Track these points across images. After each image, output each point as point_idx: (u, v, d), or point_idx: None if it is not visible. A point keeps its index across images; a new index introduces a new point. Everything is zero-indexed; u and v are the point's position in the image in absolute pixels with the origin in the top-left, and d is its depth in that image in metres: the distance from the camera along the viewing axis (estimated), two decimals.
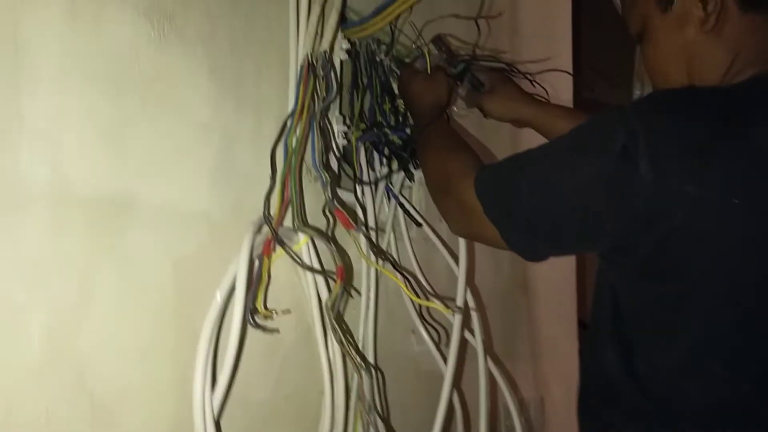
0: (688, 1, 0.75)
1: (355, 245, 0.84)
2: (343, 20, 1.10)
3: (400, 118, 1.18)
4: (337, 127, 1.05)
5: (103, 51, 0.73)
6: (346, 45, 1.07)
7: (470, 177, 0.81)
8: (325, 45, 0.92)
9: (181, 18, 0.81)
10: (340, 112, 1.07)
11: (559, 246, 0.81)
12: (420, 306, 1.11)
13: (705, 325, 0.69)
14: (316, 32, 0.92)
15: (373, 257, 0.92)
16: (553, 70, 1.23)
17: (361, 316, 1.01)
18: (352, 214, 0.97)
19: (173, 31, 0.80)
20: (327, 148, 0.91)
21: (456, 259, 1.14)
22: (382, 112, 1.17)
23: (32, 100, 0.66)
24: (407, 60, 1.22)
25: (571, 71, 1.35)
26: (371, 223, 1.04)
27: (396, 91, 1.19)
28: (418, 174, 1.19)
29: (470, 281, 1.20)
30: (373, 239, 0.97)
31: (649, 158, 0.63)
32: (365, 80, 1.15)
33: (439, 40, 1.17)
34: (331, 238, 0.88)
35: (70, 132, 0.69)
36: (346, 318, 0.99)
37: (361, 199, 1.05)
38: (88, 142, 0.71)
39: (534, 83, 1.23)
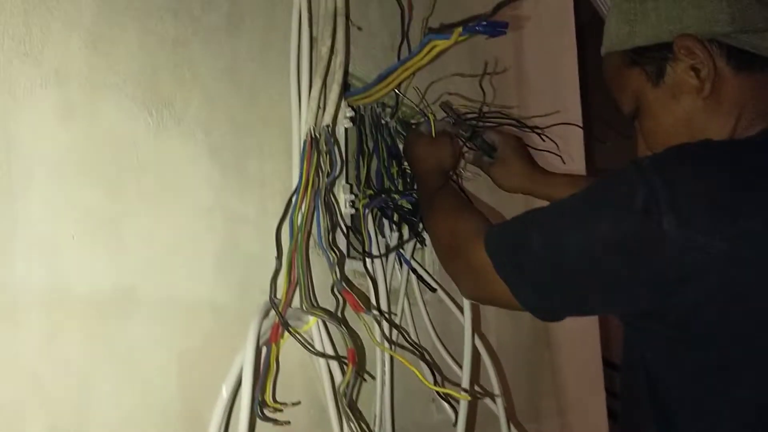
0: (679, 71, 0.73)
1: (366, 329, 0.80)
2: (346, 88, 1.09)
3: (408, 181, 1.16)
4: (344, 197, 1.03)
5: (98, 145, 0.71)
6: (349, 113, 1.06)
7: (479, 236, 0.78)
8: (327, 119, 0.90)
9: (180, 103, 0.80)
10: (347, 181, 1.05)
11: (578, 308, 0.78)
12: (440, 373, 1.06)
13: (753, 395, 0.64)
14: (318, 106, 0.91)
15: (385, 341, 0.89)
16: (562, 123, 1.21)
17: (377, 392, 0.97)
18: (363, 296, 0.94)
19: (172, 117, 0.79)
20: (333, 225, 0.89)
21: None
22: (390, 176, 1.15)
23: (26, 203, 0.64)
24: (413, 122, 1.21)
25: (580, 124, 1.32)
26: (383, 297, 1.01)
27: (402, 154, 1.18)
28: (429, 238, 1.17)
29: (487, 338, 1.16)
30: (385, 321, 0.94)
31: (674, 213, 0.60)
32: (371, 144, 1.13)
33: (446, 107, 1.15)
34: (341, 320, 0.85)
35: (65, 231, 0.67)
36: (363, 391, 0.95)
37: (371, 271, 1.02)
38: (85, 240, 0.68)
39: (543, 137, 1.21)
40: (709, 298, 0.61)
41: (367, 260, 1.02)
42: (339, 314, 0.87)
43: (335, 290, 0.83)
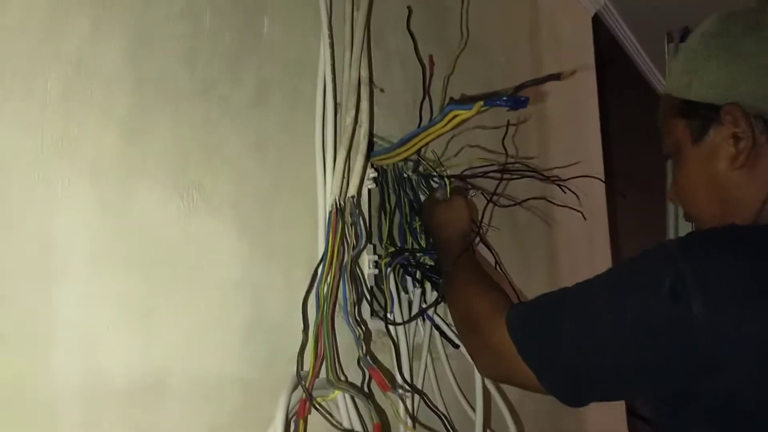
0: (720, 136, 0.74)
1: (392, 408, 0.82)
2: (370, 147, 1.11)
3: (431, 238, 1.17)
4: (367, 257, 1.05)
5: (132, 233, 0.74)
6: (372, 173, 1.07)
7: (501, 315, 0.78)
8: (352, 190, 0.92)
9: (209, 183, 0.82)
10: (370, 242, 1.07)
11: (606, 394, 0.78)
12: None
13: None
14: (343, 176, 0.93)
15: (409, 419, 0.90)
16: (584, 176, 1.22)
17: None
18: (388, 373, 0.96)
19: (201, 198, 0.81)
20: (359, 297, 0.90)
21: None
22: (412, 230, 1.17)
23: (63, 295, 0.67)
24: (433, 180, 1.22)
25: (602, 177, 1.33)
26: (404, 358, 1.03)
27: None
28: None
29: (508, 403, 1.17)
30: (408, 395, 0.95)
31: (702, 297, 0.59)
32: (393, 200, 1.15)
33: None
34: (367, 394, 0.87)
35: (101, 321, 0.70)
36: None
37: (392, 329, 1.04)
38: (120, 328, 0.71)
39: (564, 189, 1.22)
40: (740, 384, 0.61)
41: (390, 322, 1.04)
42: (365, 387, 0.89)
43: (362, 364, 0.84)
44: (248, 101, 0.89)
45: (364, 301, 0.95)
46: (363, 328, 0.89)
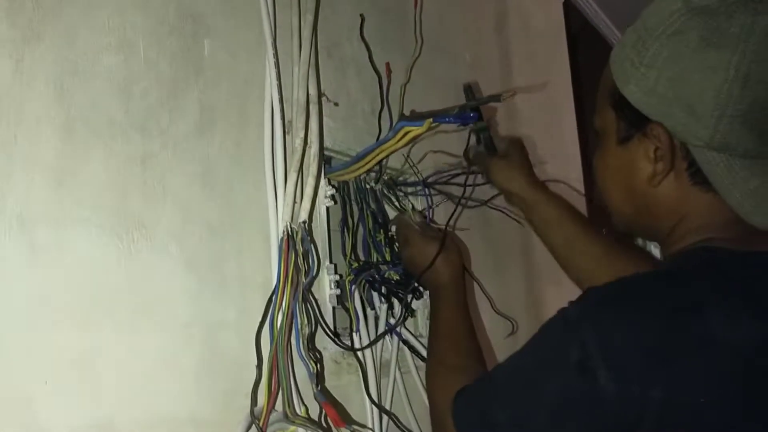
0: (642, 150, 0.73)
1: None
2: (328, 163, 1.09)
3: (396, 249, 1.15)
4: (328, 278, 1.03)
5: (67, 282, 0.71)
6: (330, 191, 1.05)
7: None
8: (303, 215, 0.89)
9: (150, 221, 0.80)
10: (330, 261, 1.05)
11: None
12: None
13: None
14: (294, 200, 0.90)
15: None
16: (555, 180, 1.20)
17: None
18: (356, 396, 0.94)
19: (143, 237, 0.78)
20: (314, 329, 0.88)
21: None
22: (377, 244, 1.14)
23: None
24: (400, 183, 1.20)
25: (580, 173, 1.31)
26: (371, 377, 1.01)
27: (390, 216, 1.17)
28: (417, 304, 1.16)
29: None
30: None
31: (606, 368, 0.60)
32: (356, 214, 1.13)
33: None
34: (326, 429, 0.85)
35: (37, 378, 0.67)
36: None
37: (360, 353, 1.02)
38: (59, 383, 0.69)
39: None
40: None
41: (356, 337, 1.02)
42: (323, 420, 0.87)
43: (317, 400, 0.82)
44: (191, 130, 0.86)
45: (322, 327, 0.93)
46: (319, 356, 0.87)
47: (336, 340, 0.95)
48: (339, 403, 0.96)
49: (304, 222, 0.89)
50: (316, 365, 0.84)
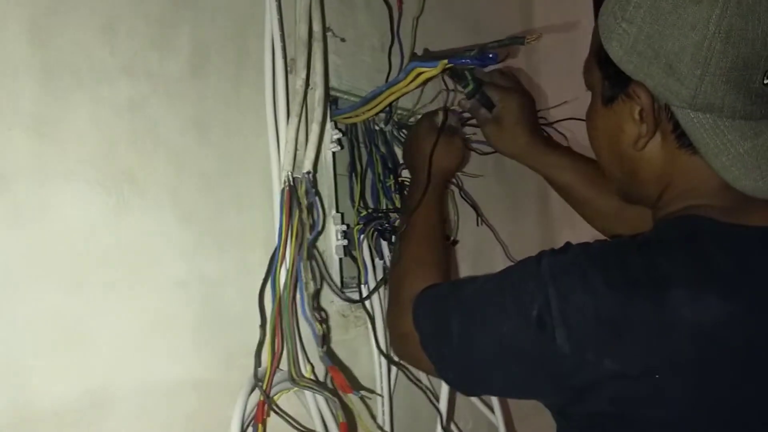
0: (626, 111, 0.69)
1: (354, 411, 0.78)
2: (334, 103, 1.03)
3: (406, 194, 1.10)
4: (335, 228, 0.99)
5: (54, 243, 0.67)
6: (336, 134, 1.00)
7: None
8: (308, 164, 0.85)
9: (141, 173, 0.75)
10: (337, 210, 1.00)
11: (498, 394, 0.93)
12: None
13: None
14: (296, 148, 0.85)
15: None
16: (571, 119, 1.13)
17: None
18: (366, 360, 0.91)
19: (134, 191, 0.74)
20: (320, 286, 0.84)
21: None
22: (386, 190, 1.10)
23: None
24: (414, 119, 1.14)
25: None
26: (379, 329, 0.98)
27: (401, 159, 1.11)
28: None
29: None
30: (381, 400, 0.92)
31: (565, 329, 0.61)
32: (364, 159, 1.08)
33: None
34: (333, 390, 0.82)
35: (25, 346, 0.65)
36: None
37: (368, 304, 0.99)
38: (48, 350, 0.66)
39: (546, 132, 1.13)
40: (604, 410, 0.63)
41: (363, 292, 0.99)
42: (330, 383, 0.85)
43: (323, 363, 0.79)
44: (183, 72, 0.81)
45: (328, 284, 0.89)
46: (325, 316, 0.84)
47: (342, 295, 0.92)
48: (346, 368, 0.94)
49: (308, 172, 0.84)
50: (322, 326, 0.80)
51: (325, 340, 0.81)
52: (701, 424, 0.61)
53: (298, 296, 0.81)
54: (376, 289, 0.98)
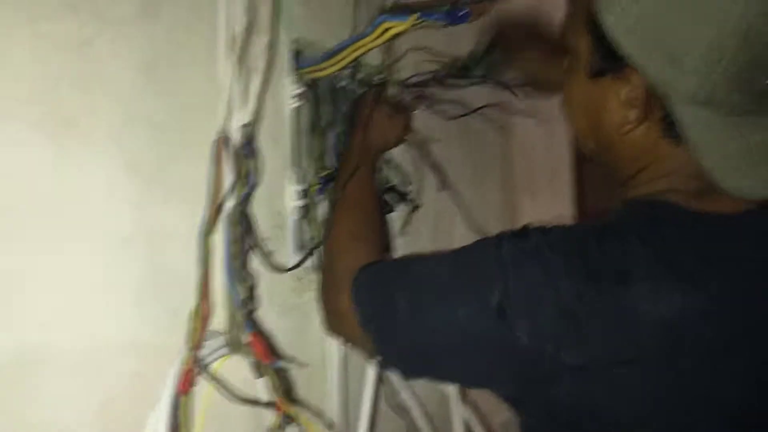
0: (614, 91, 0.66)
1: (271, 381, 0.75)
2: (296, 56, 0.99)
3: None
4: (291, 188, 0.96)
5: None
6: (297, 89, 0.96)
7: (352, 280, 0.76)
8: (246, 116, 0.81)
9: (86, 119, 0.72)
10: (298, 167, 0.97)
11: (444, 379, 0.88)
12: None
13: None
14: (230, 96, 0.81)
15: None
16: None
17: None
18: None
19: (76, 138, 0.71)
20: (245, 251, 0.82)
21: None
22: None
23: None
24: (376, 80, 1.11)
25: None
26: None
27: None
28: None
29: None
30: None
31: (524, 319, 0.60)
32: (326, 116, 1.04)
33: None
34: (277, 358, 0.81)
35: None
36: None
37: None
38: None
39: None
40: (562, 402, 0.62)
41: None
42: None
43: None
44: (132, 12, 0.76)
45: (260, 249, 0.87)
46: (252, 279, 0.82)
47: (269, 262, 0.89)
48: (299, 333, 0.92)
49: (246, 125, 0.81)
50: (250, 290, 0.78)
51: (246, 304, 0.79)
52: (658, 420, 0.60)
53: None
54: (305, 258, 0.95)
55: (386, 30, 0.83)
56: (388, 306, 0.69)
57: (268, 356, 0.73)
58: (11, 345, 0.65)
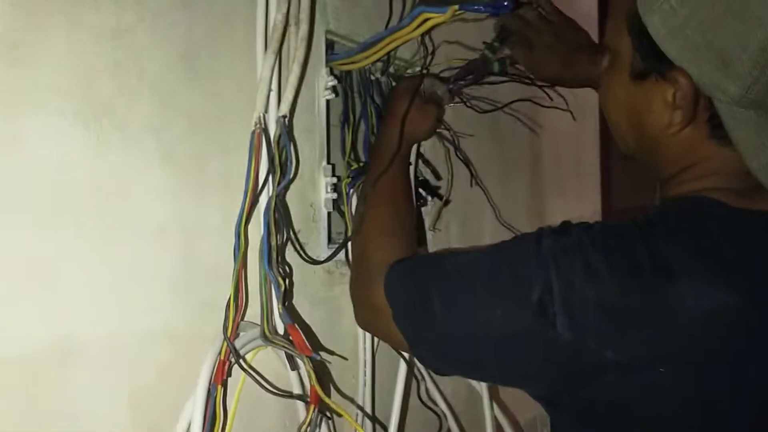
0: (659, 93, 0.65)
1: (307, 375, 0.74)
2: (330, 48, 0.98)
3: None
4: (325, 180, 0.95)
5: (23, 178, 0.64)
6: (331, 81, 0.95)
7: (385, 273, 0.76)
8: (284, 108, 0.80)
9: (122, 108, 0.71)
10: (328, 162, 0.97)
11: (478, 377, 0.92)
12: None
13: None
14: (269, 88, 0.81)
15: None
16: None
17: None
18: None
19: (113, 126, 0.70)
20: (284, 243, 0.81)
21: None
22: None
23: None
24: (409, 73, 1.10)
25: None
26: None
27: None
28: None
29: None
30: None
31: (566, 315, 0.59)
32: (358, 109, 1.04)
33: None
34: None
35: None
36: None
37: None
38: (13, 293, 0.63)
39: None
40: (599, 399, 0.62)
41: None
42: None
43: (282, 320, 0.77)
44: (172, 1, 0.76)
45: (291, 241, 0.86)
46: (288, 271, 0.81)
47: (304, 253, 0.88)
48: (329, 326, 0.92)
49: (283, 116, 0.80)
50: (285, 281, 0.77)
51: (285, 296, 0.78)
52: (697, 418, 0.60)
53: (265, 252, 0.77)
54: (339, 250, 0.94)
55: (424, 21, 0.82)
56: (422, 302, 0.69)
57: (306, 348, 0.72)
58: (45, 335, 0.65)
